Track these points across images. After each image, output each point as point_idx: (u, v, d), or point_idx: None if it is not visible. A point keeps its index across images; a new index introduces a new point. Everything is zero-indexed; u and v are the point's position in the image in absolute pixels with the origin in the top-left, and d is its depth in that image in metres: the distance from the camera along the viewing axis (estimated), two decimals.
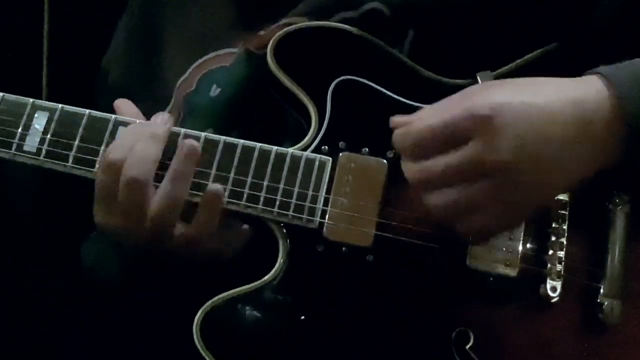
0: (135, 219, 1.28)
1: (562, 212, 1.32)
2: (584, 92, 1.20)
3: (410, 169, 1.22)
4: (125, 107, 1.37)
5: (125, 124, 1.34)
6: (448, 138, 1.19)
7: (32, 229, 1.48)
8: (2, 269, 1.48)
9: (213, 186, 1.30)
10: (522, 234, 1.31)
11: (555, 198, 1.30)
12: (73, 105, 1.35)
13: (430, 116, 1.22)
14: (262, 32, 1.44)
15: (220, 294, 1.30)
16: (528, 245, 1.32)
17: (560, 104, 1.19)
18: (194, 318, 1.28)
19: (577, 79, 1.23)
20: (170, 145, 1.32)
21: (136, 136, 1.30)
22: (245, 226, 1.35)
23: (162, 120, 1.33)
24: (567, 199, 1.32)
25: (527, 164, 1.17)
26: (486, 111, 1.17)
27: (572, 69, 1.29)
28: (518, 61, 1.37)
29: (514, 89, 1.21)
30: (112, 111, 1.36)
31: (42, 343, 1.48)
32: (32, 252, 1.48)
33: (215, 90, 1.45)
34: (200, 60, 1.46)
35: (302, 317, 1.30)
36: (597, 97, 1.20)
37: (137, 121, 1.35)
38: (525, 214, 1.26)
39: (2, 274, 1.48)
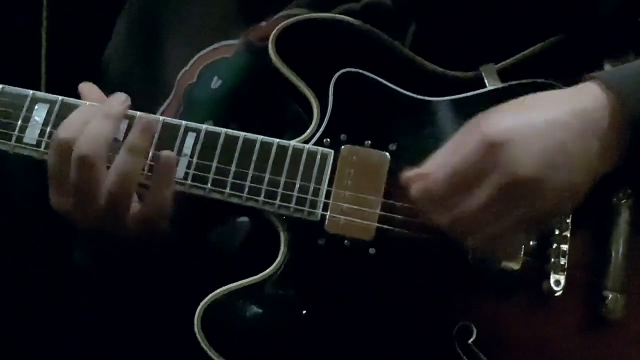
0: (88, 198, 1.27)
1: None
2: (582, 100, 1.21)
3: (444, 217, 1.22)
4: (89, 92, 1.36)
5: (126, 116, 1.32)
6: (471, 175, 1.19)
7: (32, 225, 1.47)
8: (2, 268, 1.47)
9: (165, 153, 1.29)
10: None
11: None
12: (72, 98, 1.34)
13: (444, 159, 1.22)
14: (263, 24, 1.44)
15: (221, 287, 1.29)
16: (531, 239, 1.31)
17: (564, 116, 1.20)
18: (195, 311, 1.28)
19: (575, 88, 1.24)
20: (169, 138, 1.32)
21: (88, 115, 1.29)
22: None
23: (117, 100, 1.31)
24: None
25: (546, 176, 1.18)
26: (498, 139, 1.18)
27: (578, 61, 1.30)
28: (522, 53, 1.37)
29: (516, 111, 1.22)
30: None
31: (41, 339, 1.47)
32: (31, 249, 1.47)
33: (216, 82, 1.45)
34: (202, 52, 1.46)
35: (304, 311, 1.30)
36: (596, 104, 1.21)
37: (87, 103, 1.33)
38: (549, 220, 1.28)
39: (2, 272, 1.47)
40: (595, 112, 1.20)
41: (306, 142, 1.34)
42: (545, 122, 1.19)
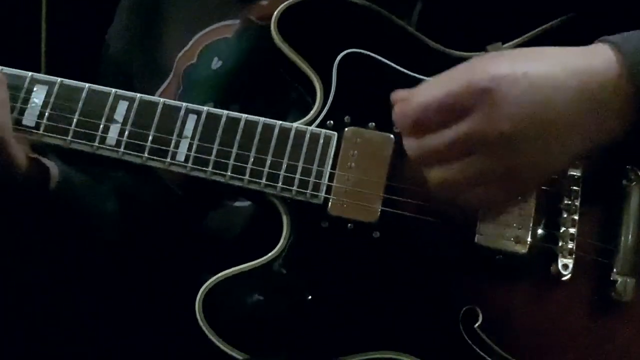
0: None
1: (575, 188, 1.30)
2: (590, 61, 1.18)
3: (411, 145, 1.21)
4: None
5: (126, 97, 1.32)
6: (448, 111, 1.17)
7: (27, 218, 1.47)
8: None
9: None
10: (533, 210, 1.29)
11: (565, 170, 1.28)
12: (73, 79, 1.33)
13: (430, 89, 1.20)
14: (264, 2, 1.42)
15: (223, 270, 1.28)
16: (539, 222, 1.29)
17: (565, 74, 1.17)
18: (196, 295, 1.27)
19: (585, 48, 1.21)
20: (170, 120, 1.30)
21: None
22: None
23: None
24: (579, 174, 1.30)
25: (529, 134, 1.15)
26: (485, 83, 1.15)
27: (587, 41, 1.26)
28: (531, 32, 1.35)
29: (517, 59, 1.19)
30: (113, 85, 1.34)
31: (43, 323, 1.47)
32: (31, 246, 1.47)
33: (216, 63, 1.44)
34: (201, 32, 1.45)
35: (308, 295, 1.28)
36: (605, 66, 1.17)
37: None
38: (528, 185, 1.24)
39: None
40: (600, 74, 1.17)
41: (309, 124, 1.33)
42: (541, 77, 1.16)
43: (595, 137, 1.18)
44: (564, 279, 1.28)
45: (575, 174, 1.29)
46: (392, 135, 1.31)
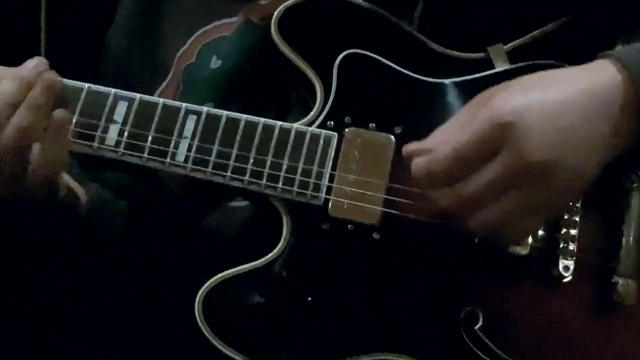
0: None
1: None
2: (596, 79, 1.17)
3: (445, 197, 1.19)
4: None
5: (126, 97, 1.32)
6: (477, 155, 1.16)
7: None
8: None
9: (58, 110, 1.27)
10: None
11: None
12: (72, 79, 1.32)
13: (450, 138, 1.18)
14: (263, 2, 1.42)
15: (222, 271, 1.28)
16: (541, 225, 1.27)
17: (576, 96, 1.16)
18: (195, 297, 1.26)
19: (589, 65, 1.20)
20: (170, 120, 1.30)
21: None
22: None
23: (32, 64, 1.28)
24: None
25: (558, 159, 1.14)
26: (508, 118, 1.14)
27: (590, 42, 1.27)
28: (532, 33, 1.35)
29: (527, 88, 1.18)
30: (113, 85, 1.33)
31: (41, 325, 1.47)
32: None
33: (215, 62, 1.43)
34: (200, 31, 1.44)
35: (308, 297, 1.28)
36: (611, 83, 1.17)
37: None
38: (562, 207, 1.26)
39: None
40: (607, 91, 1.16)
41: (309, 124, 1.32)
42: (556, 102, 1.15)
43: (613, 149, 1.18)
44: (565, 280, 1.27)
45: None
46: (392, 137, 1.31)
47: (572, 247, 1.28)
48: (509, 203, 1.16)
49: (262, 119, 1.31)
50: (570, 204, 1.28)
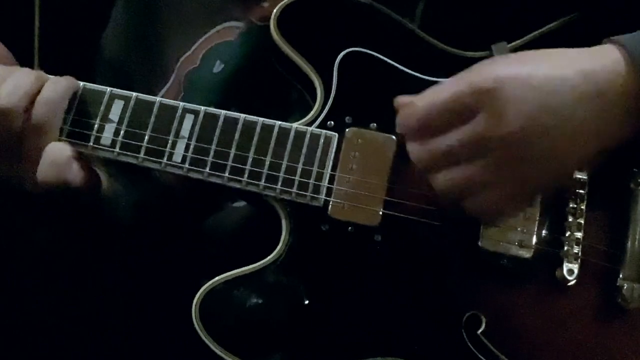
0: (5, 149, 1.25)
1: (581, 191, 1.28)
2: (598, 62, 1.16)
3: (415, 149, 1.19)
4: None
5: (122, 96, 1.30)
6: (452, 115, 1.15)
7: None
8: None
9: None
10: (538, 213, 1.27)
11: (573, 175, 1.26)
12: None
13: (434, 93, 1.18)
14: (265, 4, 1.41)
15: (220, 274, 1.26)
16: (544, 226, 1.28)
17: (571, 75, 1.14)
18: (192, 300, 1.25)
19: (593, 48, 1.19)
20: (166, 120, 1.29)
21: (11, 70, 1.27)
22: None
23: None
24: (586, 177, 1.28)
25: (535, 137, 1.13)
26: (490, 84, 1.13)
27: (594, 40, 1.24)
28: (536, 32, 1.33)
29: (521, 60, 1.17)
30: (109, 86, 1.31)
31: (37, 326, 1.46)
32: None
33: (218, 66, 1.42)
34: (205, 36, 1.43)
35: (306, 301, 1.27)
36: (613, 68, 1.15)
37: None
38: (536, 189, 1.22)
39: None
40: (609, 76, 1.14)
41: (309, 124, 1.30)
42: (546, 77, 1.14)
43: (605, 138, 1.16)
44: (569, 284, 1.26)
45: (581, 176, 1.27)
46: (394, 137, 1.29)
47: (576, 250, 1.26)
48: (475, 168, 1.15)
49: (261, 119, 1.30)
50: (572, 206, 1.27)
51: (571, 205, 1.27)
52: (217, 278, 1.26)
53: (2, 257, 1.38)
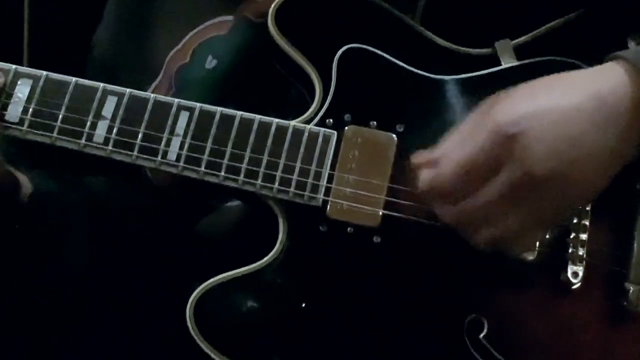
0: None
1: None
2: (604, 83, 1.14)
3: (449, 213, 1.17)
4: None
5: (115, 93, 1.28)
6: (482, 171, 1.14)
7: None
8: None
9: None
10: None
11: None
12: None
13: (455, 151, 1.15)
14: None
15: (215, 276, 1.25)
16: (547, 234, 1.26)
17: (585, 102, 1.13)
18: (187, 302, 1.23)
19: (597, 69, 1.17)
20: (161, 117, 1.27)
21: None
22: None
23: None
24: None
25: (566, 173, 1.12)
26: (512, 129, 1.12)
27: (599, 38, 1.25)
28: (541, 29, 1.32)
29: (533, 94, 1.15)
30: (99, 81, 1.29)
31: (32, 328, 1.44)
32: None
33: (211, 62, 1.41)
34: (194, 30, 1.41)
35: (303, 303, 1.25)
36: (619, 86, 1.14)
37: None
38: (565, 217, 1.23)
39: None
40: (616, 95, 1.13)
41: (307, 122, 1.29)
42: (563, 110, 1.13)
43: (621, 161, 1.16)
44: (574, 287, 1.25)
45: None
46: (394, 135, 1.28)
47: (581, 252, 1.25)
48: (515, 219, 1.14)
49: (258, 116, 1.28)
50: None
51: None
52: (212, 280, 1.25)
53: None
